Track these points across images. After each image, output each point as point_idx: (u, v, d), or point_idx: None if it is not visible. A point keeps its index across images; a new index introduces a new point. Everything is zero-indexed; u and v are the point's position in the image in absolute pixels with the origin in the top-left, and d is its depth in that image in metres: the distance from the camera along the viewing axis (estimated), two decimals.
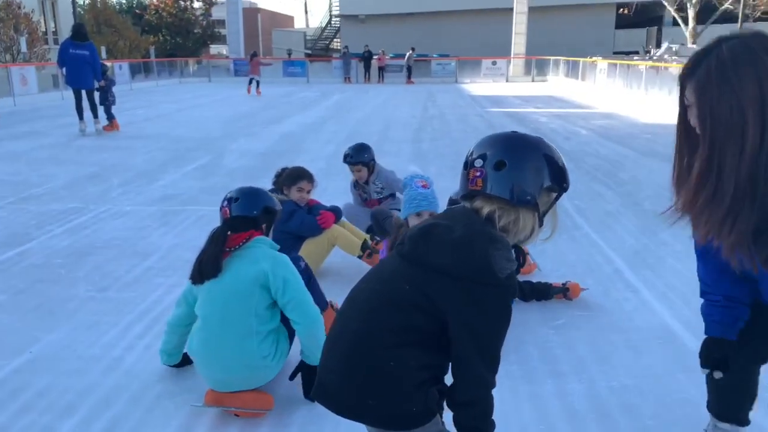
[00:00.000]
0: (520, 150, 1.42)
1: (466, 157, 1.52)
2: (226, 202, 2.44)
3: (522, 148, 1.43)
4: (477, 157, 1.44)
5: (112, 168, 7.47)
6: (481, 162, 1.43)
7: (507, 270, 1.32)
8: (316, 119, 12.90)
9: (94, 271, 3.99)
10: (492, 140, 1.47)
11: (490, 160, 1.41)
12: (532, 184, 1.39)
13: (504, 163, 1.40)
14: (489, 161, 1.41)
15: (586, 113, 14.03)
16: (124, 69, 22.64)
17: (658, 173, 7.12)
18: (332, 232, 3.73)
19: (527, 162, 1.40)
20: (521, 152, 1.42)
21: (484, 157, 1.43)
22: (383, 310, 1.40)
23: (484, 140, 1.49)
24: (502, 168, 1.39)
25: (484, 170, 1.41)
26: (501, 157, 1.40)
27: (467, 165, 1.47)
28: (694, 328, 3.12)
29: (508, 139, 1.46)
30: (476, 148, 1.48)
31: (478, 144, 1.49)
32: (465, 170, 1.48)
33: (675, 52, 23.41)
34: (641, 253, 4.33)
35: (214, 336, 2.28)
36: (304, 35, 52.58)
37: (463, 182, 1.48)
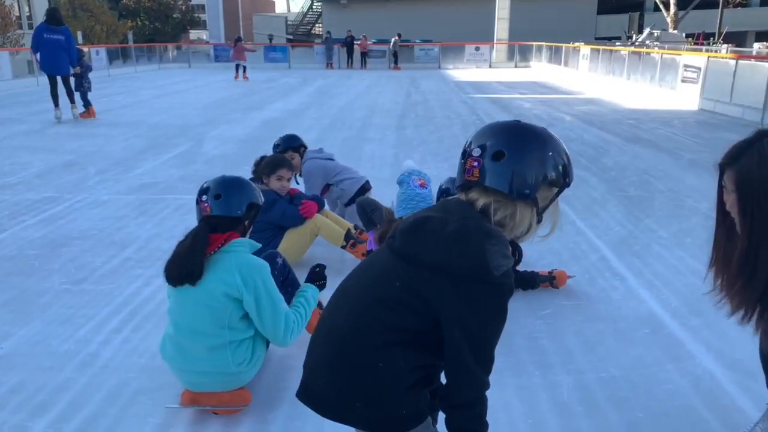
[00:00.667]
0: (520, 140, 1.35)
1: (464, 145, 1.45)
2: (205, 196, 2.25)
3: (523, 138, 1.35)
4: (476, 147, 1.37)
5: (88, 156, 7.27)
6: (479, 151, 1.35)
7: (503, 267, 1.25)
8: (298, 105, 12.73)
9: (70, 262, 3.86)
10: (492, 129, 1.40)
11: (488, 149, 1.34)
12: (532, 177, 1.32)
13: (503, 154, 1.32)
14: (487, 151, 1.34)
15: (569, 99, 14.02)
16: (101, 54, 22.12)
17: (641, 159, 7.13)
18: (315, 221, 3.64)
19: (528, 153, 1.33)
20: (522, 143, 1.34)
21: (483, 146, 1.35)
22: (372, 309, 1.33)
23: (484, 129, 1.41)
24: (500, 158, 1.32)
25: (482, 160, 1.34)
26: (500, 147, 1.33)
27: (465, 154, 1.40)
28: (682, 316, 3.12)
29: (509, 129, 1.38)
30: (475, 137, 1.40)
31: (477, 133, 1.41)
32: (462, 159, 1.40)
33: (657, 37, 23.48)
34: (627, 241, 4.31)
35: (186, 346, 2.19)
36: (286, 20, 51.91)
37: (459, 172, 1.41)
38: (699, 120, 10.44)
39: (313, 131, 9.24)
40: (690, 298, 3.32)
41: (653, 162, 6.96)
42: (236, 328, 2.17)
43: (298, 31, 48.08)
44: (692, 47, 23.94)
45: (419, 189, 2.92)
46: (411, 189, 2.93)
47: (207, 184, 2.29)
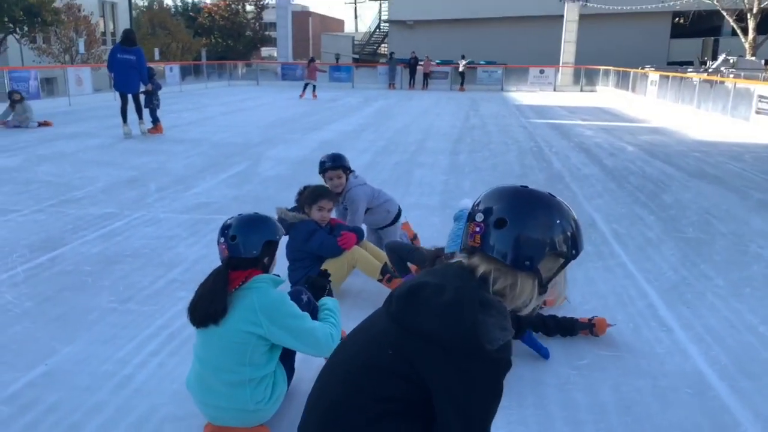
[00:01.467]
0: (524, 208, 1.31)
1: (472, 205, 1.43)
2: (222, 238, 2.30)
3: (527, 205, 1.31)
4: (480, 211, 1.34)
5: (151, 173, 7.61)
6: (482, 216, 1.32)
7: (498, 341, 1.21)
8: (355, 127, 12.90)
9: (120, 280, 4.03)
10: (498, 193, 1.36)
11: (492, 215, 1.31)
12: (535, 247, 1.27)
13: (505, 221, 1.29)
14: (491, 217, 1.31)
15: (633, 127, 13.59)
16: (175, 71, 23.23)
17: (704, 197, 6.80)
18: (352, 253, 3.66)
19: (531, 222, 1.29)
20: (525, 210, 1.30)
21: (488, 211, 1.32)
22: (364, 376, 1.31)
23: (491, 192, 1.38)
24: (502, 226, 1.29)
25: (484, 226, 1.31)
26: (503, 215, 1.30)
27: (469, 217, 1.37)
28: (731, 378, 2.94)
29: (515, 195, 1.35)
30: (482, 199, 1.37)
31: (485, 195, 1.38)
32: (467, 222, 1.38)
33: (732, 64, 22.46)
34: (679, 287, 4.10)
35: (208, 380, 2.24)
36: (353, 40, 52.93)
37: (464, 235, 1.38)
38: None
39: (366, 154, 9.33)
40: (742, 358, 3.12)
41: (717, 200, 6.63)
42: (257, 365, 2.21)
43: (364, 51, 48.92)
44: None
45: None
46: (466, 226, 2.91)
47: (227, 222, 2.33)
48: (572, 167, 8.54)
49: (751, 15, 26.45)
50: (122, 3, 30.74)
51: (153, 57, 27.73)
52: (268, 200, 6.29)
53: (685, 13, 30.90)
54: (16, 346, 3.10)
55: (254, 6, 43.46)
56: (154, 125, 11.11)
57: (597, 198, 6.65)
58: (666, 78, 18.24)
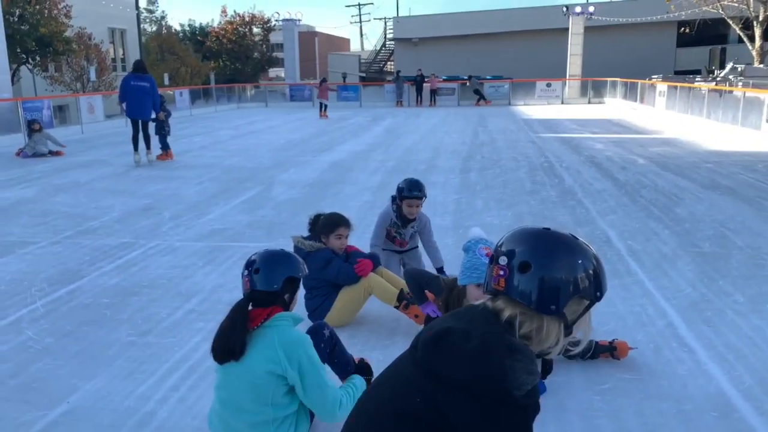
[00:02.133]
0: (549, 252, 1.31)
1: (495, 246, 1.43)
2: (247, 270, 2.32)
3: (551, 250, 1.32)
4: (503, 254, 1.35)
5: (164, 200, 7.69)
6: (506, 260, 1.33)
7: (527, 385, 1.21)
8: (365, 147, 12.97)
9: (138, 313, 4.06)
10: (521, 236, 1.37)
11: (515, 259, 1.31)
12: (560, 291, 1.28)
13: (529, 266, 1.29)
14: (514, 260, 1.31)
15: (644, 139, 13.56)
16: (184, 96, 23.54)
17: (719, 209, 6.76)
18: (369, 281, 3.67)
19: (555, 265, 1.29)
20: (550, 254, 1.31)
21: (511, 254, 1.33)
22: (391, 424, 1.31)
23: (514, 234, 1.39)
24: (526, 270, 1.29)
25: (508, 270, 1.32)
26: (526, 258, 1.30)
27: (492, 259, 1.38)
28: (756, 398, 2.90)
29: (538, 238, 1.35)
30: (505, 241, 1.38)
31: (507, 237, 1.39)
32: (490, 263, 1.39)
33: (740, 72, 22.38)
34: (698, 305, 4.06)
35: (230, 421, 2.25)
36: (359, 59, 53.36)
37: (487, 277, 1.39)
38: None
39: (377, 174, 9.37)
40: (766, 377, 3.09)
41: (732, 213, 6.58)
42: (279, 404, 2.21)
43: (370, 69, 49.29)
44: None
45: (485, 258, 2.86)
46: (477, 258, 2.86)
47: (252, 258, 2.35)
48: (584, 182, 8.52)
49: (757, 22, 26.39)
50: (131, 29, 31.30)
51: (163, 82, 28.19)
52: (281, 225, 6.34)
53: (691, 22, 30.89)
54: (37, 384, 3.13)
55: (261, 28, 44.03)
56: (165, 151, 11.23)
57: (611, 213, 6.62)
58: (674, 88, 18.21)
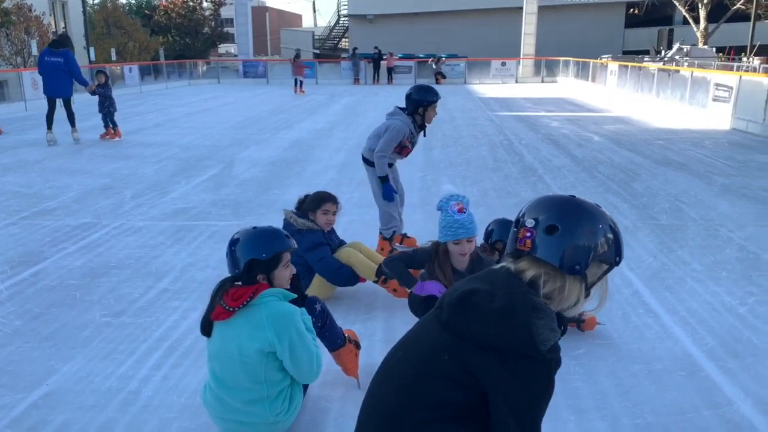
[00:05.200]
0: (575, 217, 1.39)
1: (517, 214, 1.49)
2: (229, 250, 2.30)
3: (578, 215, 1.39)
4: (530, 218, 1.41)
5: (123, 179, 7.47)
6: (533, 222, 1.40)
7: (550, 341, 1.28)
8: (325, 124, 12.87)
9: (109, 293, 3.97)
10: (548, 202, 1.44)
11: (542, 222, 1.38)
12: (584, 253, 1.35)
13: (557, 228, 1.36)
14: (541, 224, 1.38)
15: (597, 117, 13.93)
16: (134, 72, 22.72)
17: (672, 184, 7.05)
18: (348, 256, 3.69)
19: (581, 230, 1.36)
20: (576, 219, 1.38)
21: (537, 218, 1.40)
22: (419, 384, 1.36)
23: (540, 201, 1.46)
24: (554, 232, 1.36)
25: (535, 231, 1.38)
26: (554, 222, 1.37)
27: (518, 223, 1.44)
28: (718, 358, 3.08)
29: (565, 204, 1.43)
30: (530, 208, 1.45)
31: (532, 204, 1.46)
32: (515, 228, 1.45)
33: (686, 52, 23.19)
34: (660, 274, 4.26)
35: (225, 398, 2.24)
36: (313, 35, 52.56)
37: (511, 240, 1.45)
38: (731, 141, 10.28)
39: (341, 153, 9.34)
40: (726, 339, 3.28)
41: (685, 187, 6.88)
42: (272, 381, 2.21)
43: (325, 46, 48.64)
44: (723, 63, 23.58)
45: (457, 215, 2.94)
46: (450, 216, 2.95)
47: (234, 236, 2.34)
48: (543, 159, 8.72)
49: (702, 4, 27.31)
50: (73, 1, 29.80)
51: (110, 57, 27.08)
52: (248, 204, 6.27)
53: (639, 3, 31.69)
54: (12, 367, 3.04)
55: (211, 2, 42.69)
56: (111, 130, 10.76)
57: (571, 189, 6.82)
58: (625, 68, 18.72)
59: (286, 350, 2.16)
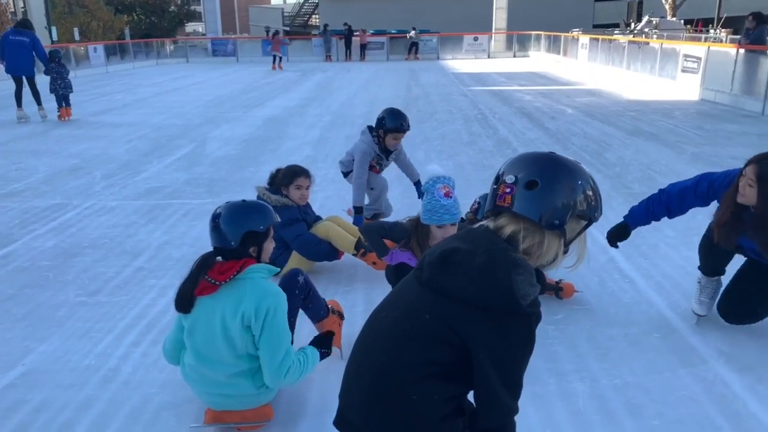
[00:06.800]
0: (555, 173, 1.39)
1: (497, 172, 1.49)
2: (212, 223, 2.21)
3: (557, 171, 1.40)
4: (509, 174, 1.41)
5: (93, 159, 7.29)
6: (512, 178, 1.40)
7: (530, 296, 1.29)
8: (298, 101, 12.71)
9: (83, 273, 3.90)
10: (527, 159, 1.44)
11: (522, 178, 1.38)
12: (563, 208, 1.35)
13: (536, 183, 1.36)
14: (521, 179, 1.38)
15: (569, 90, 14.01)
16: (99, 51, 22.06)
17: (644, 153, 7.15)
18: (327, 229, 3.67)
19: (560, 185, 1.37)
20: (556, 175, 1.38)
21: (517, 174, 1.40)
22: (404, 344, 1.36)
23: (519, 158, 1.46)
24: (533, 188, 1.36)
25: (515, 187, 1.38)
26: (534, 177, 1.37)
27: (497, 180, 1.44)
28: (691, 319, 3.17)
29: (545, 160, 1.43)
30: (509, 164, 1.44)
31: (512, 160, 1.46)
32: (494, 185, 1.44)
33: (655, 25, 23.41)
34: (635, 240, 4.28)
35: (207, 374, 2.21)
36: (282, 12, 51.61)
37: (490, 197, 1.45)
38: (700, 111, 10.45)
39: (315, 129, 9.25)
40: None
41: (656, 156, 6.99)
42: (254, 355, 2.18)
43: (295, 23, 47.83)
44: (691, 34, 23.87)
45: (444, 200, 2.86)
46: (436, 200, 2.87)
47: (216, 211, 2.24)
48: (517, 132, 8.76)
49: None
50: None
51: (73, 37, 26.26)
52: (222, 181, 6.19)
53: None
54: None
55: None
56: (61, 108, 10.50)
57: None
58: (596, 41, 18.82)
59: (259, 326, 2.11)
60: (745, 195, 2.65)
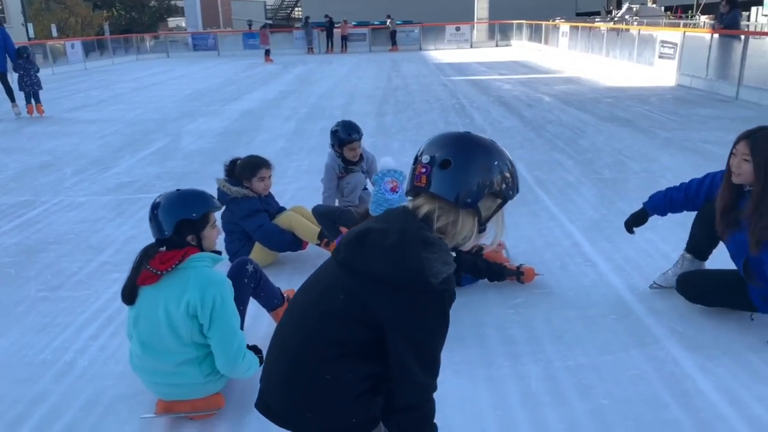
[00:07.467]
0: (468, 151, 1.40)
1: (419, 150, 1.50)
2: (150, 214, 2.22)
3: (470, 149, 1.41)
4: (426, 155, 1.42)
5: (64, 156, 7.22)
6: (428, 159, 1.40)
7: (442, 274, 1.30)
8: (277, 94, 12.65)
9: (46, 269, 3.87)
10: (443, 139, 1.45)
11: (437, 158, 1.39)
12: (476, 187, 1.36)
13: (449, 162, 1.37)
14: (436, 159, 1.39)
15: (549, 78, 14.05)
16: (77, 48, 21.81)
17: (617, 139, 7.20)
18: (290, 219, 3.67)
19: (473, 164, 1.38)
20: (469, 154, 1.40)
21: (433, 154, 1.41)
22: (320, 323, 1.38)
23: (436, 138, 1.47)
24: (447, 167, 1.37)
25: (430, 167, 1.39)
26: (447, 156, 1.38)
27: (416, 161, 1.45)
28: (649, 300, 3.20)
29: (459, 139, 1.44)
30: (427, 145, 1.45)
31: (429, 141, 1.47)
32: (413, 165, 1.45)
33: (635, 12, 23.50)
34: (599, 225, 4.37)
35: (154, 363, 2.21)
36: (264, 5, 51.27)
37: (409, 178, 1.46)
38: (676, 96, 10.53)
39: (291, 121, 9.22)
40: None
41: (629, 142, 7.03)
42: (200, 344, 2.18)
43: (277, 16, 47.54)
44: (670, 21, 24.00)
45: (389, 194, 2.86)
46: (381, 193, 2.88)
47: (156, 200, 2.25)
48: (493, 120, 8.78)
49: None
50: None
51: (50, 33, 25.91)
52: (194, 174, 6.16)
53: None
54: None
55: None
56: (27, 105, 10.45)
57: (518, 148, 6.90)
58: (576, 29, 18.87)
59: (207, 315, 2.12)
60: (741, 173, 2.56)
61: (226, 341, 2.15)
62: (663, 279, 3.26)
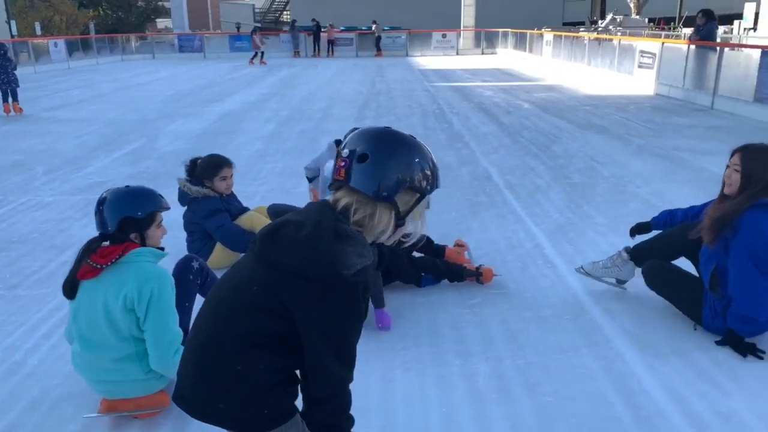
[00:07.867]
0: (385, 145, 1.41)
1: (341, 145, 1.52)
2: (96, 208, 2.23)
3: (388, 144, 1.42)
4: (347, 149, 1.43)
5: (38, 155, 7.16)
6: (347, 152, 1.42)
7: (356, 266, 1.31)
8: (259, 97, 12.64)
9: (6, 268, 3.83)
10: (363, 134, 1.46)
11: (356, 152, 1.41)
12: (393, 181, 1.38)
13: (367, 156, 1.39)
14: (355, 153, 1.41)
15: (530, 86, 14.16)
16: (60, 47, 21.63)
17: (591, 146, 7.27)
18: (251, 219, 3.67)
19: (391, 158, 1.39)
20: (386, 148, 1.41)
21: (354, 149, 1.42)
22: (231, 316, 1.38)
23: (357, 133, 1.48)
24: (364, 161, 1.38)
25: (349, 161, 1.40)
26: (365, 150, 1.40)
27: (338, 155, 1.46)
28: (604, 301, 3.24)
29: (378, 134, 1.45)
30: (349, 140, 1.46)
31: (351, 136, 1.48)
32: (335, 159, 1.47)
33: (619, 23, 23.76)
34: (564, 228, 4.41)
35: (94, 360, 2.20)
36: (253, 8, 51.19)
37: (332, 171, 1.48)
38: (654, 105, 10.65)
39: (270, 124, 9.21)
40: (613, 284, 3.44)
41: (603, 148, 7.11)
42: (140, 339, 2.18)
43: (266, 19, 47.50)
44: (653, 32, 24.30)
45: None
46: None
47: (102, 195, 2.25)
48: (471, 126, 8.83)
49: None
50: None
51: (34, 31, 25.70)
52: (166, 175, 6.12)
53: None
54: None
55: None
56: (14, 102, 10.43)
57: (493, 153, 6.95)
58: (559, 38, 19.04)
59: (143, 308, 2.11)
60: (731, 183, 2.71)
61: (158, 335, 2.14)
62: (591, 267, 3.34)
